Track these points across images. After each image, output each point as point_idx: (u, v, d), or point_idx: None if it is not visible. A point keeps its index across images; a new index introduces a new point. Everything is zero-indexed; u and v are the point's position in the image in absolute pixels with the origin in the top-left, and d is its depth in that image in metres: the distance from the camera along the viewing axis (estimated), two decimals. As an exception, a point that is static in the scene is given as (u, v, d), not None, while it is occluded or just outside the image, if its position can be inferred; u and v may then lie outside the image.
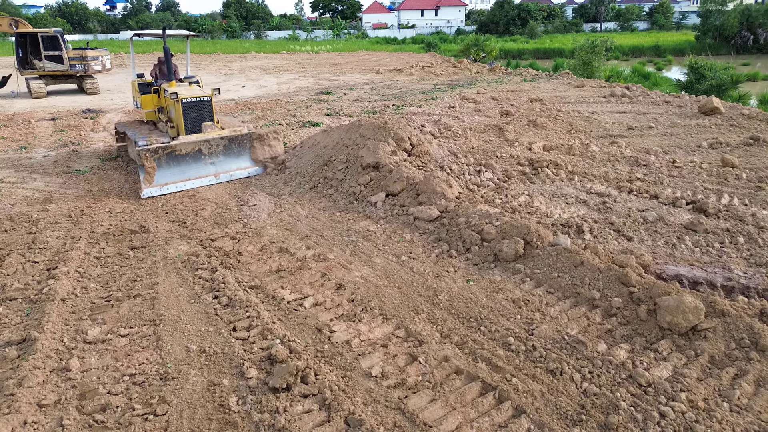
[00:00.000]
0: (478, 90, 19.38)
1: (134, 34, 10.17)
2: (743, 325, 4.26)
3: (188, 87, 9.49)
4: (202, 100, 9.08)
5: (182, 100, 8.79)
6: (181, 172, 8.65)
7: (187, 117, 8.92)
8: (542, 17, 69.04)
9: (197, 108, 9.02)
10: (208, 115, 9.16)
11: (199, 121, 9.05)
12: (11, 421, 3.45)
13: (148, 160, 8.24)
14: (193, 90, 9.35)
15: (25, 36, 19.65)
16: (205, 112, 9.11)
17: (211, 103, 9.20)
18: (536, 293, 5.12)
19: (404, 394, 3.80)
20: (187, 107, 8.88)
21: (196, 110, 9.00)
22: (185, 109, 8.86)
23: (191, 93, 9.05)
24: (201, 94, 9.10)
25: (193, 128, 8.97)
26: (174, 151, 8.52)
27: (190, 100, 8.92)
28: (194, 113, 8.99)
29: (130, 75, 12.40)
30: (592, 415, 3.57)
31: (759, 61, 34.79)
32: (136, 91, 10.01)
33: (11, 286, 5.43)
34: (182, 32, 10.76)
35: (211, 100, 9.20)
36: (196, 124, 9.01)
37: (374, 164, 8.28)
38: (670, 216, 6.92)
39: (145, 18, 77.11)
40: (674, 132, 11.70)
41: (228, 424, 3.54)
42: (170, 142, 8.53)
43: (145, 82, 10.06)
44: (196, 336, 4.53)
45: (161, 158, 8.40)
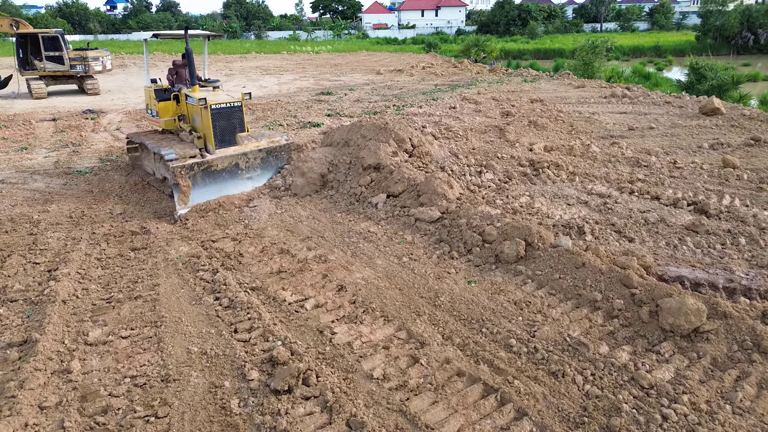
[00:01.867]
0: (478, 90, 19.37)
1: (153, 34, 8.95)
2: (745, 327, 4.25)
3: (213, 92, 8.56)
4: (232, 107, 8.19)
5: (211, 106, 7.89)
6: (218, 189, 7.91)
7: (217, 126, 8.02)
8: (543, 17, 69.02)
9: (227, 115, 8.12)
10: (239, 122, 8.30)
11: (229, 129, 8.20)
12: (12, 423, 3.45)
13: (184, 178, 7.44)
14: (221, 95, 8.47)
15: (25, 36, 19.66)
16: (235, 119, 8.23)
17: (241, 110, 8.33)
18: (538, 295, 5.12)
19: (406, 396, 3.80)
20: (216, 115, 7.97)
21: (225, 118, 8.10)
22: (214, 116, 7.95)
23: (220, 99, 8.17)
24: (231, 99, 8.20)
25: (222, 138, 8.11)
26: (210, 166, 7.76)
27: (220, 106, 8.02)
28: (224, 121, 8.10)
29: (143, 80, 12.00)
30: (594, 418, 3.56)
31: (759, 61, 34.78)
32: (152, 97, 9.05)
33: (12, 287, 5.42)
34: (203, 32, 9.90)
35: (241, 107, 8.31)
36: (226, 133, 8.15)
37: (375, 165, 8.28)
38: (672, 217, 6.91)
39: (145, 18, 77.12)
40: (675, 133, 11.69)
41: (229, 426, 3.53)
42: (206, 158, 7.78)
43: (161, 88, 9.11)
44: (198, 338, 4.53)
45: (196, 175, 7.62)
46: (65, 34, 20.81)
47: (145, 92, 9.45)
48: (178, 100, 8.82)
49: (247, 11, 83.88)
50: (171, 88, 9.14)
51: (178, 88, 8.99)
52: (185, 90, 8.67)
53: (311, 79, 25.55)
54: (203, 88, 8.80)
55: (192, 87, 8.52)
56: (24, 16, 56.72)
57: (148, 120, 9.61)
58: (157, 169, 8.87)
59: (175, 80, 9.42)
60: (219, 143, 8.07)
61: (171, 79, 9.45)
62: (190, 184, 7.52)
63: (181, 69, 9.35)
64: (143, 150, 9.42)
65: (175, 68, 9.44)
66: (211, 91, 8.60)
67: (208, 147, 8.15)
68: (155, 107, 8.93)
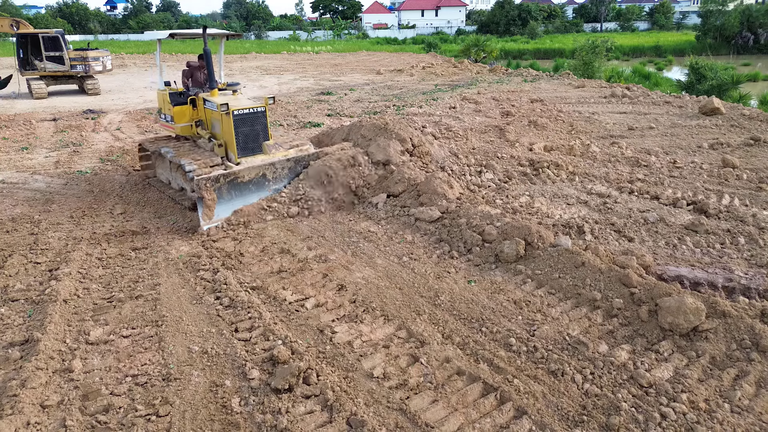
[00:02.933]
0: (478, 90, 19.39)
1: (170, 34, 8.37)
2: (744, 326, 4.27)
3: (233, 96, 8.06)
4: (256, 112, 7.60)
5: (233, 112, 7.33)
6: (243, 202, 7.36)
7: (239, 133, 7.46)
8: (543, 17, 69.01)
9: (250, 121, 7.58)
10: (262, 129, 7.72)
11: (253, 136, 7.64)
12: (14, 422, 3.46)
13: (209, 191, 6.83)
14: (243, 100, 7.98)
15: (26, 37, 19.68)
16: (259, 126, 7.67)
17: (265, 116, 7.74)
18: (537, 294, 5.13)
19: (406, 395, 3.81)
20: (239, 121, 7.43)
21: (249, 124, 7.56)
22: (237, 123, 7.41)
23: (243, 104, 7.62)
24: (254, 104, 7.63)
25: (245, 146, 7.57)
26: (237, 178, 7.14)
27: (243, 112, 7.45)
28: (247, 128, 7.55)
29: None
30: (593, 416, 3.58)
31: (759, 61, 34.77)
32: (166, 102, 8.47)
33: (13, 287, 5.44)
34: (223, 32, 9.28)
35: (265, 112, 7.73)
36: (249, 140, 7.59)
37: (384, 161, 8.29)
38: (671, 217, 6.92)
39: (145, 18, 77.14)
40: (675, 132, 11.71)
41: (230, 425, 3.55)
42: (232, 169, 7.20)
43: (176, 92, 8.53)
44: (198, 337, 4.55)
45: (222, 187, 7.01)
46: (65, 35, 20.83)
47: (159, 96, 8.91)
48: (195, 104, 8.28)
49: (247, 11, 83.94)
50: (186, 91, 8.58)
51: (195, 91, 8.48)
52: (203, 94, 8.17)
53: (311, 79, 25.57)
54: (222, 91, 8.31)
55: (210, 91, 8.01)
56: (24, 16, 56.76)
57: (162, 126, 9.04)
58: (174, 179, 8.42)
59: (190, 83, 8.85)
60: (242, 151, 7.57)
61: (186, 82, 8.86)
62: (215, 197, 6.92)
63: (197, 71, 8.83)
64: (157, 158, 8.93)
65: (190, 70, 8.87)
66: (231, 95, 8.11)
67: (229, 155, 7.67)
68: (170, 112, 8.36)
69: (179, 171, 7.83)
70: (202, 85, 8.66)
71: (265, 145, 7.73)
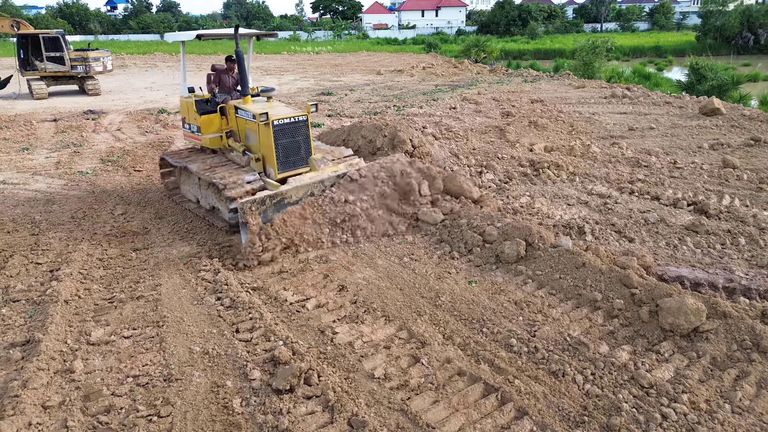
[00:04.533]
0: (478, 91, 19.39)
1: (197, 35, 7.45)
2: (745, 327, 4.27)
3: (268, 103, 7.25)
4: (297, 122, 6.83)
5: (273, 123, 6.59)
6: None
7: (279, 145, 6.71)
8: (543, 18, 69.01)
9: (291, 132, 6.80)
10: (304, 140, 6.97)
11: (294, 149, 6.88)
12: (16, 422, 3.47)
13: (254, 215, 5.98)
14: (281, 107, 7.17)
15: (26, 37, 19.70)
16: (300, 137, 6.91)
17: (307, 125, 6.97)
18: (538, 295, 5.13)
19: (407, 395, 3.82)
20: (279, 132, 6.67)
21: (290, 135, 6.80)
22: (277, 134, 6.65)
23: (282, 112, 6.85)
24: (295, 113, 6.87)
25: (286, 159, 6.82)
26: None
27: (283, 122, 6.68)
28: (288, 139, 6.79)
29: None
30: (594, 417, 3.58)
31: (760, 61, 34.77)
32: (192, 110, 7.67)
33: (14, 287, 5.45)
34: (255, 31, 8.48)
35: (307, 121, 6.96)
36: (290, 153, 6.85)
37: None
38: (672, 217, 6.93)
39: (146, 19, 77.19)
40: (675, 133, 11.71)
41: (232, 425, 3.56)
42: (279, 189, 6.29)
43: (202, 99, 7.77)
44: (200, 337, 4.55)
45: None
46: (66, 35, 20.85)
47: (182, 104, 8.07)
48: (224, 112, 7.51)
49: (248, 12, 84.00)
50: (213, 98, 7.81)
51: (222, 98, 7.74)
52: (234, 102, 7.42)
53: (312, 80, 25.58)
54: (255, 98, 7.58)
55: (243, 98, 7.28)
56: (24, 16, 56.79)
57: (187, 137, 8.18)
58: (204, 198, 7.48)
59: (217, 89, 7.96)
60: (282, 166, 6.80)
61: (212, 87, 7.94)
62: (261, 222, 6.07)
63: (225, 75, 7.99)
64: (183, 173, 8.02)
65: (216, 74, 7.98)
66: (265, 102, 7.31)
67: (268, 170, 6.90)
68: (196, 122, 7.60)
69: (211, 189, 7.09)
70: (230, 91, 7.93)
71: (312, 160, 6.95)
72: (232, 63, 7.82)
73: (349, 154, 7.72)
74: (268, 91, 7.49)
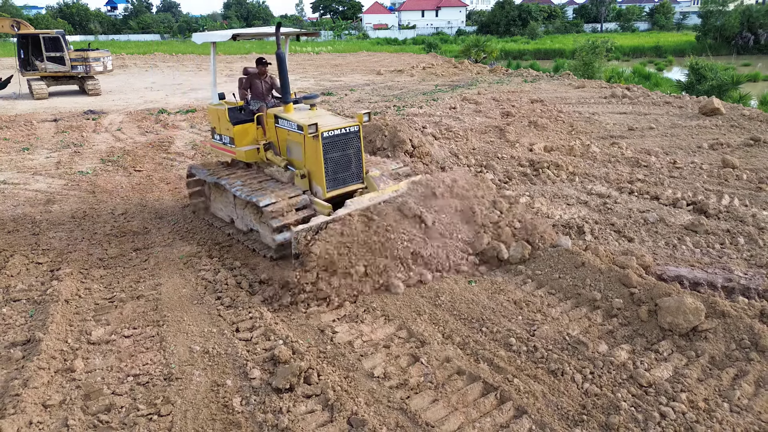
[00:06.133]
0: (478, 91, 19.41)
1: (233, 35, 6.59)
2: (743, 326, 4.28)
3: (311, 111, 6.49)
4: (348, 133, 6.06)
5: (323, 134, 5.83)
6: None
7: (329, 160, 5.96)
8: (543, 18, 69.01)
9: (342, 145, 6.04)
10: (356, 154, 6.18)
11: (344, 164, 6.11)
12: (17, 421, 3.48)
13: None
14: (328, 117, 6.40)
15: (26, 37, 19.72)
16: (351, 150, 6.13)
17: (359, 137, 6.19)
18: (537, 294, 5.14)
19: (406, 394, 3.83)
20: (328, 145, 5.90)
21: (340, 149, 6.02)
22: (327, 148, 5.89)
23: (332, 123, 6.06)
24: (346, 123, 6.08)
25: (335, 176, 6.06)
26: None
27: (333, 134, 5.91)
28: (338, 153, 6.02)
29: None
30: (593, 416, 3.59)
31: (760, 61, 34.77)
32: (224, 119, 6.85)
33: (15, 287, 5.46)
34: (294, 30, 7.65)
35: (359, 132, 6.18)
36: (339, 169, 6.09)
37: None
38: (671, 217, 6.94)
39: (146, 19, 77.24)
40: (675, 133, 11.72)
41: (232, 424, 3.57)
42: (337, 214, 5.42)
43: (236, 107, 6.97)
44: (200, 337, 4.56)
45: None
46: (66, 35, 20.87)
47: (211, 113, 7.25)
48: (260, 122, 6.82)
49: (248, 12, 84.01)
50: (247, 105, 7.05)
51: (258, 105, 6.93)
52: (274, 110, 6.66)
53: (312, 80, 25.59)
54: (298, 107, 6.75)
55: (285, 105, 6.51)
56: (24, 16, 56.82)
57: (218, 149, 7.27)
58: (242, 218, 6.63)
59: (250, 95, 7.15)
60: (331, 184, 6.05)
61: (245, 93, 7.13)
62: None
63: (258, 80, 7.15)
64: (215, 190, 7.17)
65: (249, 79, 7.16)
66: (308, 110, 6.53)
67: (314, 188, 6.14)
68: (229, 132, 6.81)
69: (248, 208, 6.35)
70: (262, 97, 7.15)
71: (370, 177, 6.25)
72: (263, 66, 7.06)
73: (398, 167, 6.89)
74: (311, 98, 6.61)
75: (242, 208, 6.49)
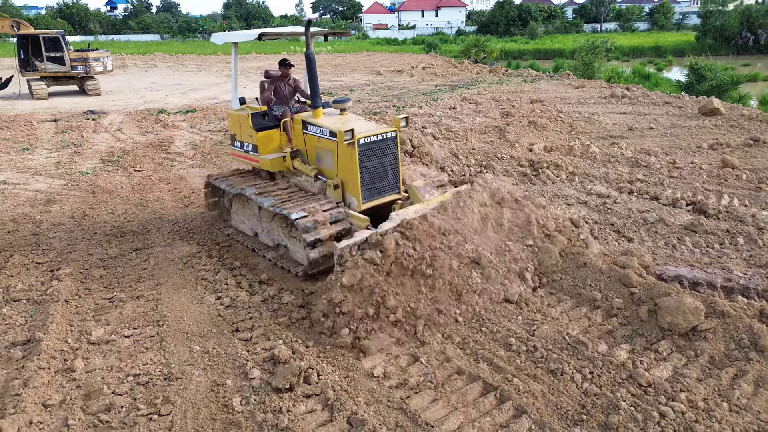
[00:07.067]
0: (478, 91, 19.42)
1: (259, 34, 6.17)
2: (743, 326, 4.29)
3: (342, 116, 6.13)
4: (385, 140, 5.70)
5: (358, 141, 5.47)
6: None
7: (365, 169, 5.60)
8: (543, 18, 69.02)
9: (378, 153, 5.69)
10: (392, 162, 5.82)
11: (380, 173, 5.76)
12: (17, 420, 3.48)
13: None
14: (362, 122, 6.02)
15: (26, 37, 19.73)
16: (388, 157, 5.78)
17: (396, 144, 5.83)
18: (537, 294, 5.15)
19: (406, 394, 3.83)
20: (364, 153, 5.55)
21: (376, 157, 5.68)
22: (362, 156, 5.54)
23: (367, 129, 5.69)
24: (381, 129, 5.72)
25: (371, 185, 5.72)
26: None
27: (369, 140, 5.55)
28: (374, 161, 5.66)
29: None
30: (592, 415, 3.59)
31: (759, 61, 34.78)
32: (247, 126, 6.45)
33: (15, 287, 5.47)
34: (323, 30, 7.28)
35: (396, 138, 5.83)
36: (376, 178, 5.73)
37: None
38: (671, 217, 6.94)
39: (146, 19, 77.22)
40: (674, 133, 11.73)
41: (232, 424, 3.57)
42: (382, 227, 4.80)
43: (258, 112, 6.66)
44: (200, 337, 4.57)
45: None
46: (66, 35, 20.88)
47: (232, 118, 6.85)
48: (284, 128, 6.38)
49: (248, 12, 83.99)
50: (270, 110, 6.70)
51: (282, 110, 6.53)
52: (302, 115, 6.25)
53: (311, 80, 25.57)
54: (328, 111, 6.35)
55: (314, 110, 6.15)
56: (24, 16, 56.81)
57: (238, 158, 6.92)
58: (269, 233, 6.20)
59: (273, 100, 6.73)
60: (366, 194, 5.69)
61: (269, 97, 6.69)
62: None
63: (281, 83, 6.75)
64: (236, 201, 6.77)
65: (272, 82, 6.75)
66: (338, 115, 6.16)
67: (349, 200, 5.78)
68: (252, 139, 6.42)
69: (276, 221, 5.99)
70: (287, 101, 6.76)
71: (414, 188, 5.86)
72: (287, 68, 6.71)
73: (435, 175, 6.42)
74: (341, 101, 6.16)
75: (268, 221, 6.11)
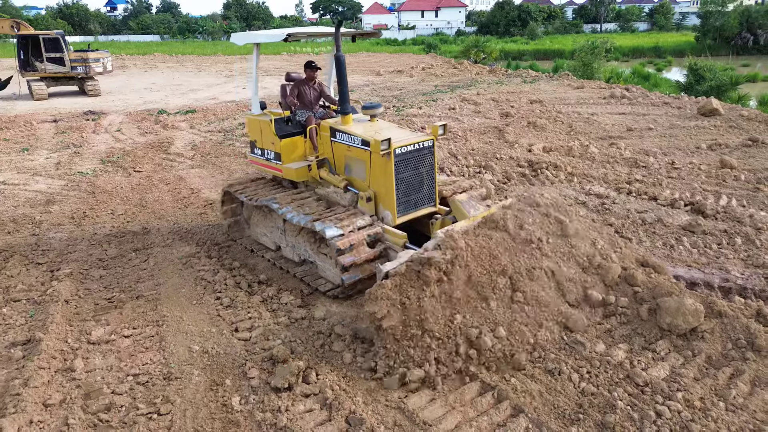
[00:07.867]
0: (478, 91, 19.44)
1: (287, 34, 5.63)
2: (740, 326, 4.30)
3: (372, 123, 5.67)
4: (422, 149, 5.29)
5: (395, 151, 5.05)
6: None
7: (400, 180, 5.19)
8: (542, 18, 69.08)
9: (414, 163, 5.27)
10: (428, 173, 5.41)
11: (416, 185, 5.34)
12: (17, 420, 3.50)
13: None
14: (395, 130, 5.58)
15: (26, 38, 19.76)
16: (424, 168, 5.36)
17: (433, 153, 5.42)
18: (535, 294, 5.15)
19: (404, 393, 3.85)
20: (400, 164, 5.14)
21: (412, 167, 5.26)
22: (399, 166, 5.14)
23: (403, 137, 5.27)
24: (417, 138, 5.30)
25: (407, 198, 5.30)
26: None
27: (405, 150, 5.13)
28: (410, 172, 5.25)
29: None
30: (589, 415, 3.61)
31: (759, 62, 34.81)
32: (269, 132, 6.09)
33: (15, 287, 5.49)
34: (352, 30, 6.85)
35: (433, 147, 5.41)
36: (411, 190, 5.32)
37: None
38: (669, 217, 6.96)
39: (145, 19, 77.23)
40: (673, 133, 11.75)
41: (231, 423, 3.59)
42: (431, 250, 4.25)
43: (281, 117, 6.23)
44: (199, 336, 4.59)
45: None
46: (66, 36, 20.90)
47: (252, 124, 6.48)
48: (309, 135, 6.05)
49: (248, 12, 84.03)
50: (293, 116, 6.32)
51: (305, 116, 6.19)
52: (330, 121, 5.82)
53: (311, 80, 25.57)
54: (357, 117, 5.89)
55: (343, 117, 5.67)
56: (24, 17, 56.83)
57: (259, 166, 6.57)
58: (294, 248, 5.78)
59: (296, 104, 6.35)
60: (402, 207, 5.29)
61: (293, 102, 6.32)
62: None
63: (306, 86, 6.37)
64: (256, 212, 6.37)
65: (295, 85, 6.37)
66: (368, 122, 5.69)
67: (382, 213, 5.36)
68: (274, 147, 6.05)
69: (302, 236, 5.57)
70: (311, 106, 6.40)
71: (457, 202, 5.45)
72: (313, 71, 6.31)
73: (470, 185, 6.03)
74: (372, 107, 5.69)
75: (294, 236, 5.67)
